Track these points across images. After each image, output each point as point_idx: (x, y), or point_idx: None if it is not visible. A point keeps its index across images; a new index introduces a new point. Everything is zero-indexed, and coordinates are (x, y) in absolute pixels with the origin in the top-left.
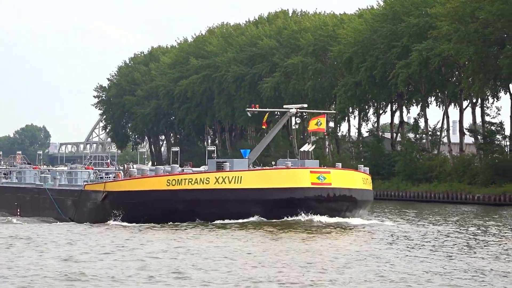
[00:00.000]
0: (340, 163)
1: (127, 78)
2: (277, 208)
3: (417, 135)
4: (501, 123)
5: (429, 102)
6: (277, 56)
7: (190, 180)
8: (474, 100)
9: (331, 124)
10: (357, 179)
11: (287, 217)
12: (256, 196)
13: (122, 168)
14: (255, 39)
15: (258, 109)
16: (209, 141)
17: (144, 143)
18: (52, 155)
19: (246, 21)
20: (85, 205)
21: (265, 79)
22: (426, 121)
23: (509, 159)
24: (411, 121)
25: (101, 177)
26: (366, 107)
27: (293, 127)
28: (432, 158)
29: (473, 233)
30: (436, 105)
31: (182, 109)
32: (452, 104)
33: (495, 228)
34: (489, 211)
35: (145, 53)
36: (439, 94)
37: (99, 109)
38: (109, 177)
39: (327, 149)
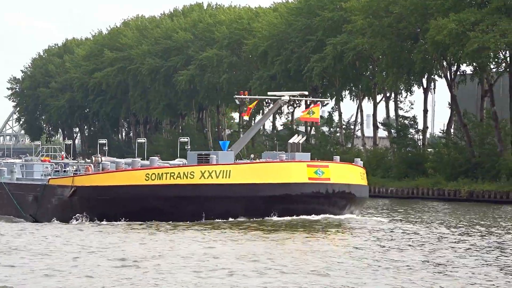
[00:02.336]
0: (338, 156)
1: (41, 70)
2: (271, 205)
3: (331, 129)
4: (414, 117)
5: (343, 95)
6: (192, 49)
7: (172, 174)
8: (388, 94)
9: (246, 117)
10: (355, 174)
11: (282, 216)
12: (247, 192)
13: (89, 160)
14: (170, 32)
15: (247, 96)
16: (124, 133)
17: (58, 135)
18: None
19: (161, 14)
20: (49, 202)
21: (180, 72)
22: (340, 114)
23: (422, 153)
24: (325, 114)
25: (65, 171)
26: None
27: (286, 116)
28: (346, 151)
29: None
30: (350, 99)
31: (96, 102)
32: (366, 98)
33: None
34: (401, 203)
35: (59, 45)
36: (353, 88)
37: (13, 101)
38: (68, 170)
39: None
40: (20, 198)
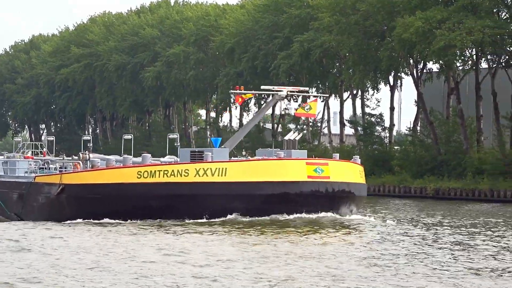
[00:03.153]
0: (338, 154)
1: (7, 66)
2: (268, 204)
3: (298, 126)
4: (380, 115)
5: (310, 93)
6: (159, 46)
7: (166, 172)
8: (355, 92)
9: (212, 114)
10: (355, 172)
11: (280, 215)
12: (244, 190)
13: (76, 157)
14: (137, 28)
15: (243, 91)
16: (90, 130)
17: (24, 132)
18: None
19: (128, 10)
20: (35, 200)
21: (147, 69)
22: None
23: (388, 150)
24: (292, 112)
25: (48, 168)
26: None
27: (282, 112)
28: (313, 149)
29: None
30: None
31: (63, 98)
32: (333, 95)
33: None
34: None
35: (26, 41)
36: (320, 85)
37: None
38: (54, 167)
39: (208, 139)
40: (4, 196)
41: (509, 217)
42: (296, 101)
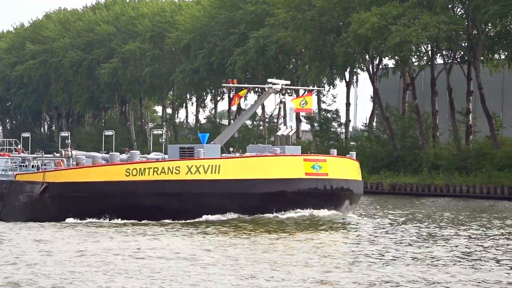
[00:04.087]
0: (335, 150)
1: None
2: (264, 203)
3: (254, 122)
4: (337, 111)
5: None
6: (115, 42)
7: (156, 170)
8: (311, 88)
9: (169, 110)
10: (352, 169)
11: (277, 214)
12: (239, 188)
13: (58, 154)
14: (92, 24)
15: (235, 85)
16: (46, 127)
17: None
18: None
19: (83, 7)
20: (16, 199)
21: (103, 65)
22: (263, 108)
23: (344, 146)
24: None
25: (26, 166)
26: (204, 93)
27: (276, 106)
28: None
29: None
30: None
31: (18, 95)
32: (288, 91)
33: None
34: None
35: None
36: None
37: None
38: (35, 165)
39: (164, 136)
40: None
41: None
42: (291, 95)
